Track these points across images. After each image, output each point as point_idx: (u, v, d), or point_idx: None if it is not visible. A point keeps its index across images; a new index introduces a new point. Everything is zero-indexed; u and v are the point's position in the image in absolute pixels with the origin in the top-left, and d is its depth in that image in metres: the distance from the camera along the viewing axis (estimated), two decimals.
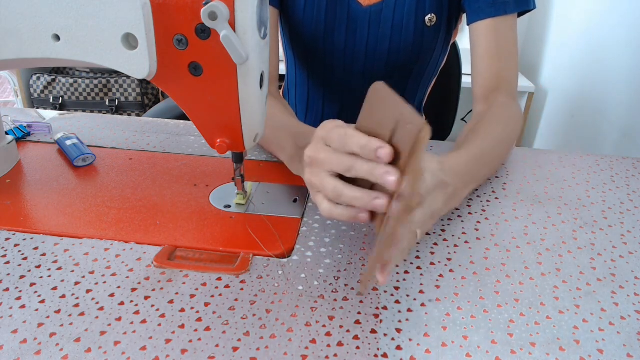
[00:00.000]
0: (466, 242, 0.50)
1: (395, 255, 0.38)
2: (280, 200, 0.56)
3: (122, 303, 0.41)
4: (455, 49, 1.18)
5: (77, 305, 0.40)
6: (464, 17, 0.73)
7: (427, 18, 0.72)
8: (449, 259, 0.48)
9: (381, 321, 0.40)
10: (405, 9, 0.72)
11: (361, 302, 0.42)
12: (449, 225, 0.53)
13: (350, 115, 0.87)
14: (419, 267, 0.46)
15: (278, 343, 0.37)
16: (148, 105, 2.07)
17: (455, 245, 0.50)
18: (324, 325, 0.39)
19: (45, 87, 2.02)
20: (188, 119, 0.51)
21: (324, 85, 0.85)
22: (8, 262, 0.45)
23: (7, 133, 0.66)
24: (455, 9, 0.74)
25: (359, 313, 0.41)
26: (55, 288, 0.42)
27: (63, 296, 0.41)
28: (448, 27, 0.77)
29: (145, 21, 0.41)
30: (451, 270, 0.46)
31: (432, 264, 0.47)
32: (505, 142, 0.63)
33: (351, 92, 0.83)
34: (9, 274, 0.43)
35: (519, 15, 0.69)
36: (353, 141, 0.38)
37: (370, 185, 0.39)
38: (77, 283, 0.43)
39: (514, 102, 0.69)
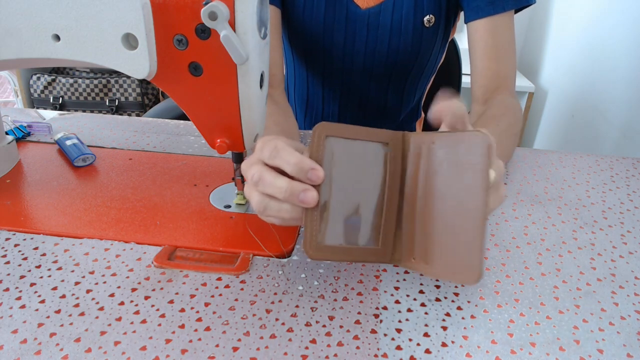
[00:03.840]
0: None
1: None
2: None
3: (122, 303, 0.41)
4: (455, 49, 1.18)
5: (77, 305, 0.40)
6: (462, 14, 0.73)
7: (425, 19, 0.72)
8: None
9: (381, 321, 0.40)
10: (403, 11, 0.72)
11: (361, 302, 0.42)
12: None
13: (349, 114, 0.87)
14: None
15: (278, 343, 0.37)
16: (148, 105, 2.07)
17: None
18: (324, 325, 0.39)
19: (45, 87, 2.02)
20: (188, 119, 0.51)
21: (323, 85, 0.85)
22: (8, 262, 0.45)
23: (7, 133, 0.66)
24: (453, 7, 0.74)
25: (359, 313, 0.41)
26: (55, 288, 0.42)
27: (63, 296, 0.41)
28: (446, 27, 0.77)
29: (145, 21, 0.41)
30: None
31: None
32: (508, 139, 0.62)
33: (350, 91, 0.83)
34: (9, 274, 0.43)
35: (520, 9, 0.69)
36: (282, 156, 0.37)
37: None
38: (77, 283, 0.43)
39: (512, 97, 0.69)
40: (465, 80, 1.20)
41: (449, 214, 0.36)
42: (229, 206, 0.54)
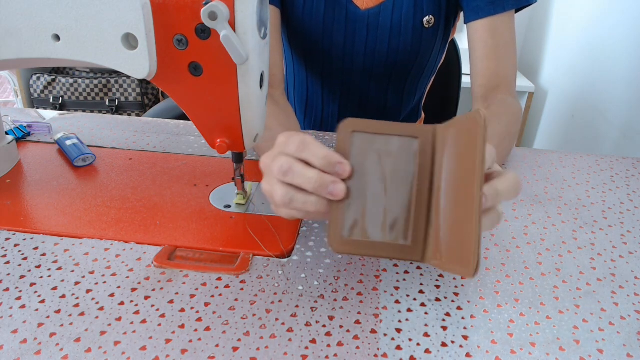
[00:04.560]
0: None
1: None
2: None
3: (122, 303, 0.41)
4: (455, 49, 1.18)
5: (77, 305, 0.40)
6: (462, 14, 0.73)
7: (425, 20, 0.72)
8: None
9: (381, 321, 0.40)
10: (403, 12, 0.72)
11: (361, 302, 0.42)
12: None
13: (349, 114, 0.87)
14: (418, 267, 0.46)
15: (278, 343, 0.37)
16: (148, 105, 2.07)
17: None
18: (324, 325, 0.39)
19: (45, 87, 2.02)
20: (188, 119, 0.51)
21: (323, 86, 0.85)
22: (8, 262, 0.45)
23: (7, 133, 0.66)
24: (453, 8, 0.74)
25: (359, 313, 0.41)
26: (55, 288, 0.42)
27: (63, 296, 0.41)
28: (446, 27, 0.77)
29: (145, 21, 0.41)
30: None
31: None
32: (507, 138, 0.62)
33: (350, 92, 0.83)
34: (9, 274, 0.43)
35: (520, 9, 0.69)
36: (310, 149, 0.37)
37: None
38: (77, 283, 0.43)
39: (512, 97, 0.69)
40: (465, 80, 1.20)
41: (451, 204, 0.36)
42: (229, 206, 0.54)
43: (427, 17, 0.72)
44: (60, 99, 2.02)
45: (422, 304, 0.42)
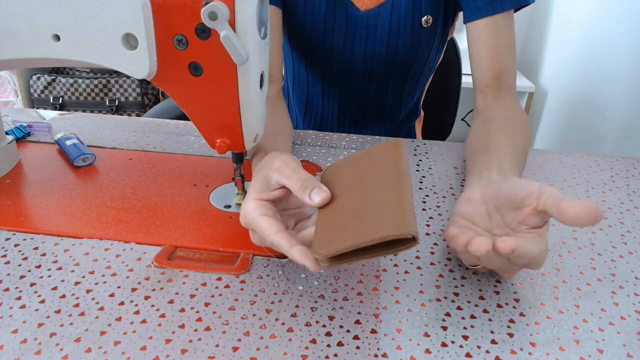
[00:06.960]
0: None
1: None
2: None
3: (122, 303, 0.41)
4: (455, 49, 1.18)
5: (77, 305, 0.40)
6: (461, 14, 0.73)
7: (423, 20, 0.73)
8: (449, 259, 0.48)
9: (381, 321, 0.40)
10: (401, 12, 0.72)
11: (361, 302, 0.42)
12: None
13: (348, 115, 0.87)
14: (419, 267, 0.46)
15: (278, 343, 0.37)
16: (148, 105, 2.07)
17: None
18: (324, 325, 0.39)
19: (45, 87, 2.02)
20: (188, 119, 0.51)
21: (323, 86, 0.85)
22: (8, 262, 0.45)
23: (7, 133, 0.66)
24: (452, 8, 0.74)
25: (359, 313, 0.41)
26: (55, 288, 0.42)
27: (63, 296, 0.41)
28: (444, 27, 0.77)
29: (145, 21, 0.41)
30: (451, 270, 0.46)
31: (432, 264, 0.47)
32: (523, 157, 0.59)
33: (350, 92, 0.84)
34: (9, 274, 0.43)
35: (519, 9, 0.69)
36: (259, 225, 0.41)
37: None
38: (77, 283, 0.43)
39: (516, 100, 0.69)
40: (465, 80, 1.20)
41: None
42: (229, 206, 0.54)
43: (425, 17, 0.72)
44: (60, 99, 2.02)
45: (422, 304, 0.42)
